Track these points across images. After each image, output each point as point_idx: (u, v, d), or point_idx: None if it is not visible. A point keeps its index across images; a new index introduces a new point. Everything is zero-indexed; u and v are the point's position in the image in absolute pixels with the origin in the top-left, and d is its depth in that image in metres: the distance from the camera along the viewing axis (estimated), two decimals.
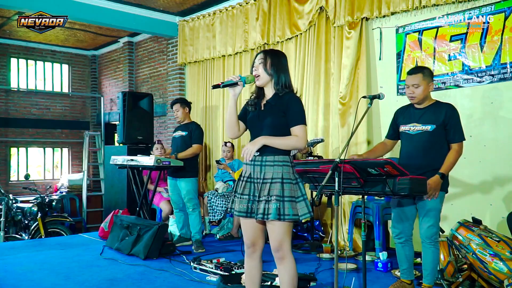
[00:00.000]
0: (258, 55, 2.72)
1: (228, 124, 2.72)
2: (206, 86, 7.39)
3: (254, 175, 2.63)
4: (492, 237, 3.42)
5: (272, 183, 2.56)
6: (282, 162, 2.60)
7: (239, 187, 2.68)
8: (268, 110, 2.65)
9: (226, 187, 6.14)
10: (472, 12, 4.39)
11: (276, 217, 2.50)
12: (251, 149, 2.56)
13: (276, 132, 2.61)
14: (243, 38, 6.61)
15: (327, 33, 5.58)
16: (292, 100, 2.62)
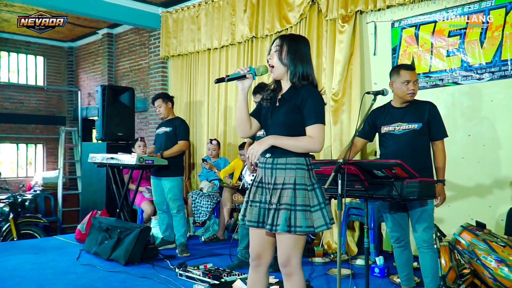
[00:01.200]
0: (274, 41, 2.39)
1: (239, 122, 2.41)
2: (190, 81, 7.09)
3: (265, 179, 2.35)
4: (498, 242, 3.25)
5: (283, 189, 2.27)
6: (296, 165, 2.28)
7: (250, 193, 2.40)
8: (282, 106, 2.35)
9: (211, 187, 5.87)
10: (471, 7, 4.21)
11: (286, 229, 2.20)
12: (257, 149, 2.26)
13: (290, 131, 2.30)
14: (230, 31, 6.33)
15: (318, 27, 5.35)
16: (310, 94, 2.28)
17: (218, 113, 6.62)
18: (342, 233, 4.68)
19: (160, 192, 4.98)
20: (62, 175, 8.92)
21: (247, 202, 2.41)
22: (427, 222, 3.01)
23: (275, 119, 2.35)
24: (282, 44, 2.32)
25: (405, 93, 3.13)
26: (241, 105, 2.37)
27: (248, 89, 2.35)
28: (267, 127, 2.41)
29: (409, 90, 3.12)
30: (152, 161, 4.54)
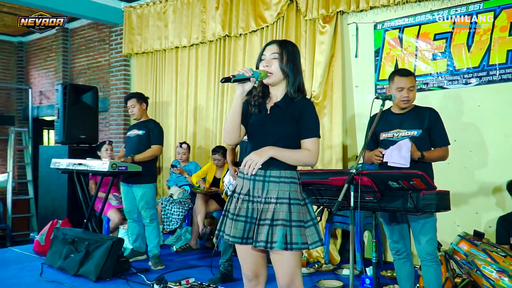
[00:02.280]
0: (268, 46, 2.22)
1: (230, 128, 2.18)
2: (155, 80, 6.71)
3: (254, 192, 2.16)
4: (498, 252, 3.17)
5: (277, 204, 2.10)
6: (290, 178, 2.16)
7: (232, 206, 2.19)
8: (277, 116, 2.19)
9: (182, 192, 5.55)
10: (458, 10, 4.15)
11: (283, 246, 2.04)
12: (257, 161, 2.08)
13: (285, 142, 2.17)
14: (200, 29, 6.03)
15: (297, 27, 5.16)
16: (308, 107, 2.19)
17: (187, 114, 6.30)
18: (325, 241, 4.51)
19: (131, 199, 4.62)
20: (12, 179, 8.29)
21: (226, 216, 2.22)
22: (430, 234, 2.87)
23: (270, 127, 2.18)
24: (282, 51, 2.17)
25: (399, 100, 2.99)
26: (236, 110, 2.15)
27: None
28: (257, 135, 2.22)
29: (403, 97, 2.97)
30: (126, 168, 4.18)
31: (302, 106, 2.17)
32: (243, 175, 2.21)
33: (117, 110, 7.23)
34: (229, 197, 2.26)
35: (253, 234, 2.11)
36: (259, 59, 2.23)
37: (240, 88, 2.10)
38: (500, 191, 3.92)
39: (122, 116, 7.17)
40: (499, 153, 3.97)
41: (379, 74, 4.63)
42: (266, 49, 2.21)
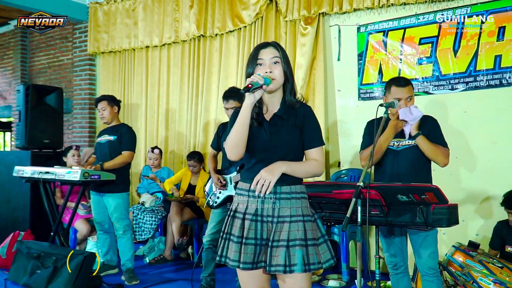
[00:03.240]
0: (264, 49, 2.00)
1: (237, 143, 1.96)
2: (124, 81, 6.37)
3: (263, 212, 1.97)
4: (494, 263, 3.09)
5: (292, 223, 1.93)
6: (300, 193, 2.01)
7: (236, 228, 1.99)
8: (280, 127, 2.01)
9: (154, 200, 5.26)
10: (445, 14, 4.07)
11: (303, 268, 1.88)
12: (270, 179, 1.89)
13: (293, 154, 2.02)
14: (173, 28, 5.75)
15: (276, 28, 4.98)
16: (309, 114, 2.05)
17: (158, 117, 6.01)
18: None
19: (102, 209, 4.31)
20: None
21: (228, 239, 2.00)
22: (433, 247, 2.75)
23: (276, 140, 1.99)
24: (282, 54, 2.00)
25: (397, 111, 2.85)
26: (246, 122, 1.93)
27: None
28: (262, 150, 2.00)
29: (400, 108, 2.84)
30: (99, 176, 3.87)
31: (304, 113, 2.02)
32: (247, 192, 2.00)
33: (81, 112, 6.82)
34: (228, 217, 2.05)
35: (265, 257, 1.92)
36: (253, 64, 1.99)
37: (251, 98, 1.89)
38: (487, 199, 3.87)
39: (86, 118, 6.78)
40: (486, 160, 3.92)
41: (362, 78, 4.50)
42: (261, 53, 1.99)
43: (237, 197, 2.06)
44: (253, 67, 2.00)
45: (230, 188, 3.67)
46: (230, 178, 3.70)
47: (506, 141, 3.84)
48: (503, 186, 3.80)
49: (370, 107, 4.41)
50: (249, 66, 2.02)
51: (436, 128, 2.88)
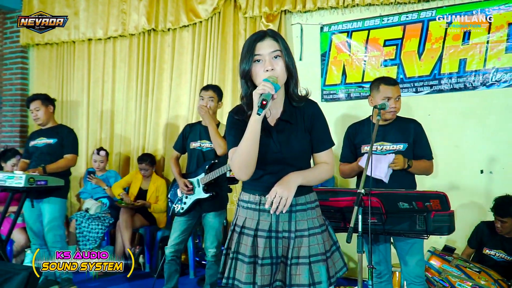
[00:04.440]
0: (261, 42, 1.72)
1: (247, 162, 1.69)
2: (62, 76, 5.83)
3: (278, 227, 1.75)
4: (472, 267, 3.08)
5: (310, 236, 1.74)
6: (314, 202, 1.84)
7: (245, 246, 1.76)
8: (289, 134, 1.78)
9: (100, 206, 4.83)
10: (409, 16, 4.07)
11: (327, 285, 1.71)
12: (287, 195, 1.67)
13: (305, 162, 1.82)
14: (120, 20, 5.34)
15: (235, 24, 4.76)
16: (318, 113, 1.83)
17: (102, 117, 5.56)
18: None
19: (37, 217, 3.90)
20: None
21: (236, 258, 1.78)
22: (420, 254, 2.67)
23: (287, 151, 1.76)
24: (283, 46, 1.73)
25: (385, 111, 2.74)
26: (256, 138, 1.66)
27: None
28: (271, 161, 1.76)
29: (390, 108, 2.74)
30: (46, 182, 3.44)
31: (312, 113, 1.81)
32: (257, 206, 1.77)
33: (12, 109, 6.18)
34: (233, 233, 1.82)
35: (283, 277, 1.71)
36: (249, 61, 1.71)
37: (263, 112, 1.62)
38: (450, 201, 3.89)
39: (18, 116, 6.14)
40: (449, 162, 3.94)
41: (325, 79, 4.40)
42: (258, 47, 1.71)
43: (244, 211, 1.81)
44: (249, 64, 1.71)
45: (198, 191, 3.42)
46: (197, 181, 3.44)
47: (469, 145, 3.89)
48: (465, 189, 3.86)
49: (333, 109, 4.32)
50: (243, 62, 1.73)
51: (421, 136, 2.81)
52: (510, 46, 3.67)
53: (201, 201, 3.45)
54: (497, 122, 3.78)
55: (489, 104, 3.80)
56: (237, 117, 1.79)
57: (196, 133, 3.57)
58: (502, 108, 3.76)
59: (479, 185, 3.82)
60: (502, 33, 3.69)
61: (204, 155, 3.52)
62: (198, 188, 3.45)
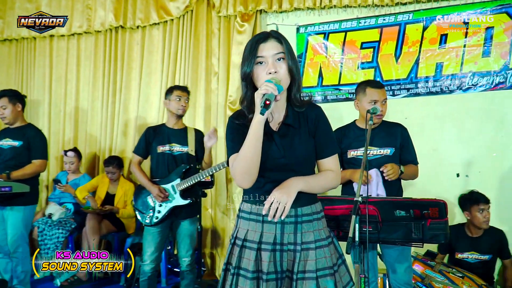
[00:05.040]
0: (264, 44, 1.66)
1: (249, 169, 1.60)
2: (21, 73, 5.49)
3: (283, 239, 1.65)
4: (454, 272, 3.06)
5: (317, 249, 1.64)
6: (320, 213, 1.74)
7: (247, 260, 1.65)
8: (293, 138, 1.69)
9: (64, 212, 4.56)
10: (386, 19, 4.04)
11: None
12: (286, 201, 1.57)
13: (309, 168, 1.72)
14: (85, 16, 5.08)
15: (209, 23, 4.61)
16: (322, 118, 1.75)
17: (65, 117, 5.28)
18: None
19: (1, 226, 3.62)
20: None
21: (237, 274, 1.66)
22: (408, 261, 2.63)
23: (291, 156, 1.67)
24: (285, 49, 1.67)
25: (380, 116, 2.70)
26: (259, 143, 1.58)
27: None
28: (274, 167, 1.67)
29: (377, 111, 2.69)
30: (10, 188, 3.20)
31: (315, 117, 1.73)
32: (260, 217, 1.66)
33: None
34: (234, 247, 1.70)
35: None
36: (251, 63, 1.65)
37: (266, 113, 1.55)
38: None
39: None
40: (427, 166, 3.90)
41: (302, 80, 4.31)
42: (261, 49, 1.65)
43: (245, 223, 1.70)
44: (251, 66, 1.65)
45: (175, 198, 3.26)
46: (172, 187, 3.28)
47: (446, 149, 3.90)
48: (444, 192, 3.85)
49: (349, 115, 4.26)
50: (245, 64, 1.67)
51: (408, 141, 2.78)
52: (486, 50, 3.70)
53: (178, 208, 3.29)
54: (473, 126, 3.81)
55: (465, 108, 3.82)
56: (237, 121, 1.70)
57: (164, 136, 3.39)
58: (479, 112, 3.79)
59: (455, 189, 3.83)
60: (479, 37, 3.72)
61: (175, 159, 3.36)
62: (174, 195, 3.29)
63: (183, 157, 3.38)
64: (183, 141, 3.40)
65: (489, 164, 3.76)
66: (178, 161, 3.37)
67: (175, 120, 3.44)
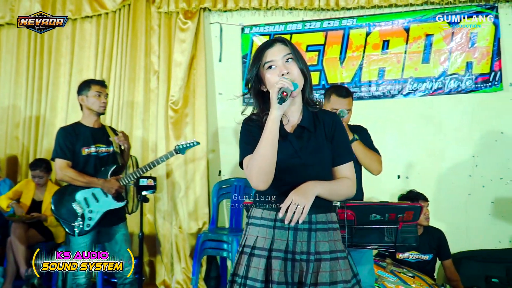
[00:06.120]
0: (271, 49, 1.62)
1: (265, 169, 1.53)
2: None
3: (295, 247, 1.55)
4: (405, 272, 3.14)
5: (332, 261, 1.56)
6: (336, 224, 1.66)
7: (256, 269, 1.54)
8: (308, 139, 1.64)
9: None
10: (331, 23, 4.09)
11: None
12: (304, 203, 1.48)
13: (326, 174, 1.65)
14: (8, 6, 4.64)
15: (148, 19, 4.38)
16: (339, 123, 1.71)
17: None
18: (194, 271, 3.88)
19: None
20: None
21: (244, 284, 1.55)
22: (370, 263, 2.64)
23: (307, 158, 1.61)
24: (293, 51, 1.63)
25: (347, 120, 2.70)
26: (275, 141, 1.54)
27: None
28: (289, 170, 1.60)
29: None
30: None
31: (332, 123, 1.68)
32: (271, 223, 1.57)
33: None
34: (241, 255, 1.59)
35: None
36: (256, 68, 1.63)
37: (280, 109, 1.51)
38: None
39: None
40: None
41: None
42: (268, 54, 1.61)
43: (255, 229, 1.60)
44: (253, 71, 1.65)
45: (107, 201, 3.06)
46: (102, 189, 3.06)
47: (388, 151, 4.00)
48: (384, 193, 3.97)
49: None
50: (249, 72, 1.66)
51: (367, 136, 2.79)
52: (426, 57, 3.87)
53: (110, 212, 3.07)
54: (413, 129, 3.97)
55: (406, 112, 3.97)
56: (251, 123, 1.65)
57: (88, 137, 3.13)
58: (418, 116, 3.95)
59: (396, 190, 3.95)
60: (420, 44, 3.88)
61: (102, 161, 3.14)
62: (106, 198, 3.06)
63: (109, 158, 3.18)
64: (107, 140, 3.20)
65: (428, 166, 3.94)
66: (104, 163, 3.16)
67: (95, 118, 3.21)
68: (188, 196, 4.17)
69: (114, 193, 3.03)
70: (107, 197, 3.07)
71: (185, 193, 4.17)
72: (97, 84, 3.17)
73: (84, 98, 3.15)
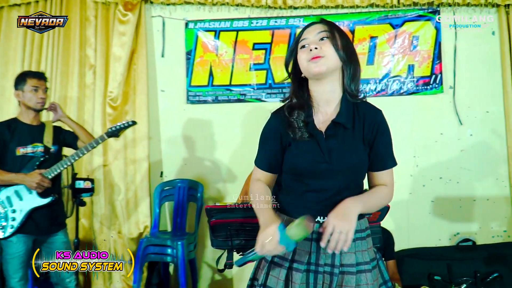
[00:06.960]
0: (308, 29, 1.53)
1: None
2: None
3: (319, 259, 1.43)
4: None
5: (358, 274, 1.43)
6: (366, 231, 1.54)
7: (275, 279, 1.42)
8: (343, 140, 1.47)
9: None
10: (278, 22, 4.04)
11: None
12: (348, 229, 1.32)
13: (358, 181, 1.52)
14: None
15: (82, 9, 4.09)
16: (385, 124, 1.55)
17: None
18: (135, 278, 3.64)
19: None
20: None
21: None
22: None
23: (338, 160, 1.45)
24: (332, 30, 1.49)
25: None
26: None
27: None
28: (315, 175, 1.45)
29: None
30: None
31: (376, 122, 1.51)
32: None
33: None
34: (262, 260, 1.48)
35: None
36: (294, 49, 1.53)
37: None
38: None
39: None
40: None
41: (191, 79, 4.07)
42: (304, 33, 1.53)
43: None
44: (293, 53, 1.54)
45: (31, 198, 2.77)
46: (25, 186, 2.78)
47: None
48: None
49: (200, 112, 4.05)
50: (288, 52, 1.56)
51: None
52: (371, 58, 3.92)
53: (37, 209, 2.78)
54: None
55: None
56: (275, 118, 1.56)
57: (25, 135, 2.86)
58: None
59: None
60: (364, 46, 3.92)
61: (40, 162, 2.85)
62: (30, 195, 2.78)
63: (49, 159, 2.88)
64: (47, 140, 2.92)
65: None
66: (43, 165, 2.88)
67: (33, 114, 2.93)
68: (128, 198, 3.93)
69: (36, 187, 2.72)
70: (31, 193, 2.77)
71: (125, 196, 3.92)
72: (34, 77, 2.87)
73: (20, 93, 2.86)
